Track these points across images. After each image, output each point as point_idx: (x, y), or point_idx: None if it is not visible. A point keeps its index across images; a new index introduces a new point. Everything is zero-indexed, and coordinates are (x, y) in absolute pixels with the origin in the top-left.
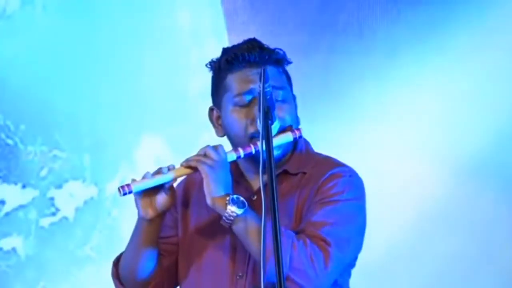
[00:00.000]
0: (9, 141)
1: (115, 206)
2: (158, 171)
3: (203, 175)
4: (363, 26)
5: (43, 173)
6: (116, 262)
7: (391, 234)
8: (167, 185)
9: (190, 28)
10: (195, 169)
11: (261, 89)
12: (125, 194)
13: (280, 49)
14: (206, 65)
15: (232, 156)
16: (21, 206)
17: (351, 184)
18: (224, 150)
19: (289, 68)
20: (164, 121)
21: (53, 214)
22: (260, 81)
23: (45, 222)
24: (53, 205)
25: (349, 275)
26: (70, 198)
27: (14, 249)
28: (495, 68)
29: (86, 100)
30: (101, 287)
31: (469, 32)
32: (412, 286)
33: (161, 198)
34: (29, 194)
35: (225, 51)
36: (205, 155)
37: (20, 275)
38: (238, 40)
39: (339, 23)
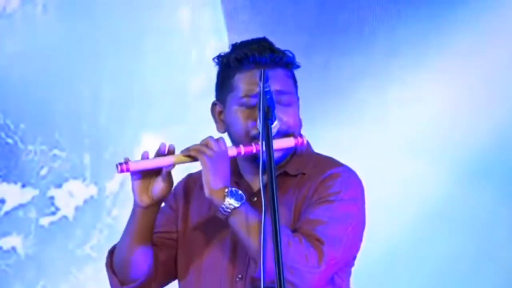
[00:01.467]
0: (9, 140)
1: (115, 205)
2: (158, 153)
3: (202, 165)
4: (363, 26)
5: (43, 172)
6: (112, 252)
7: (391, 234)
8: (164, 171)
9: (190, 28)
10: (194, 158)
11: (261, 89)
12: (122, 171)
13: (290, 52)
14: (213, 59)
15: (232, 151)
16: (21, 205)
17: (349, 185)
18: (225, 143)
19: None
20: (164, 120)
21: (53, 213)
22: (260, 80)
23: (45, 221)
24: (53, 204)
25: (348, 274)
26: (70, 197)
27: (13, 248)
28: (495, 68)
29: (86, 99)
30: (101, 287)
31: (469, 32)
32: (412, 286)
33: (158, 185)
34: (29, 193)
35: (235, 48)
36: (206, 145)
37: (19, 275)
38: (238, 39)
39: (339, 23)
